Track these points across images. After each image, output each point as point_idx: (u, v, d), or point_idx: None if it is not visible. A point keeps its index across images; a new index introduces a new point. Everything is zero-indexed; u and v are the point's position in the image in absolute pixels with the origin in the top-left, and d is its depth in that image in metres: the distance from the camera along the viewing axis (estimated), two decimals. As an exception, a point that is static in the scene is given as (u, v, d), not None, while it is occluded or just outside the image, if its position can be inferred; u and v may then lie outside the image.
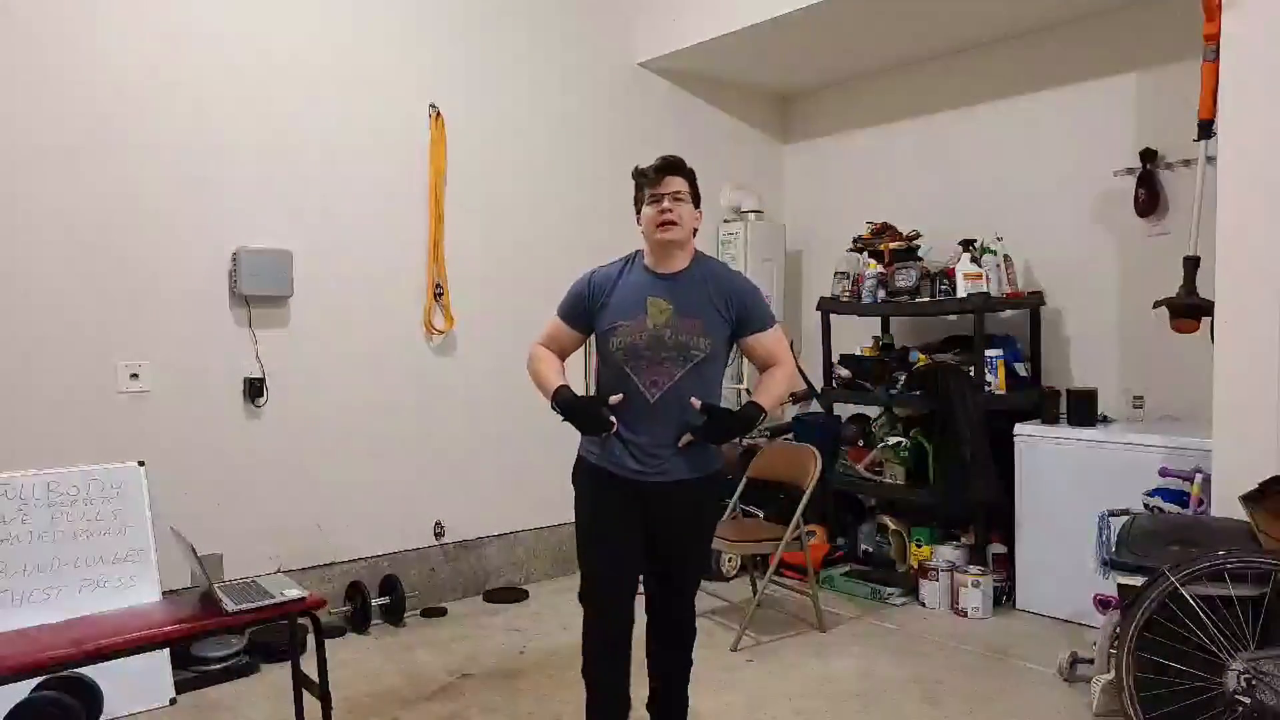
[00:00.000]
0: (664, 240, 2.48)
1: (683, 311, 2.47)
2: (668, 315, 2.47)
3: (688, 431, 2.48)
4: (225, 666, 3.39)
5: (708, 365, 2.49)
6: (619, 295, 2.53)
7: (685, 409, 2.46)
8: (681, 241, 2.51)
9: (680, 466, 2.51)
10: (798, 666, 3.53)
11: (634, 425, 2.50)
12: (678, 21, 4.77)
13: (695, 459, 2.53)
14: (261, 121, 3.76)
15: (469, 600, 4.36)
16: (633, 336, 2.47)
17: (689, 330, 2.46)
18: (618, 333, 2.49)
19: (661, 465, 2.50)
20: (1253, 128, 2.98)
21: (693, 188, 2.54)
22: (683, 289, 2.50)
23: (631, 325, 2.48)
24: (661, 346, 2.46)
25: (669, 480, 2.50)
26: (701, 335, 2.47)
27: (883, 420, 4.73)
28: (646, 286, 2.51)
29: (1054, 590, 3.97)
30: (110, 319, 3.44)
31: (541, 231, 4.60)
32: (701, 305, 2.49)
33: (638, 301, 2.50)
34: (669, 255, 2.52)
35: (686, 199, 2.50)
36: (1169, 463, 3.54)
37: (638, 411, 2.49)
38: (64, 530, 2.91)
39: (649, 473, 2.50)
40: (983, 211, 4.67)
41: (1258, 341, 2.99)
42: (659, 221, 2.47)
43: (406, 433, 4.20)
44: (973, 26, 4.49)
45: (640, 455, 2.50)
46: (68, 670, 2.58)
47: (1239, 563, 2.47)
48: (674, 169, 2.51)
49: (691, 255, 2.56)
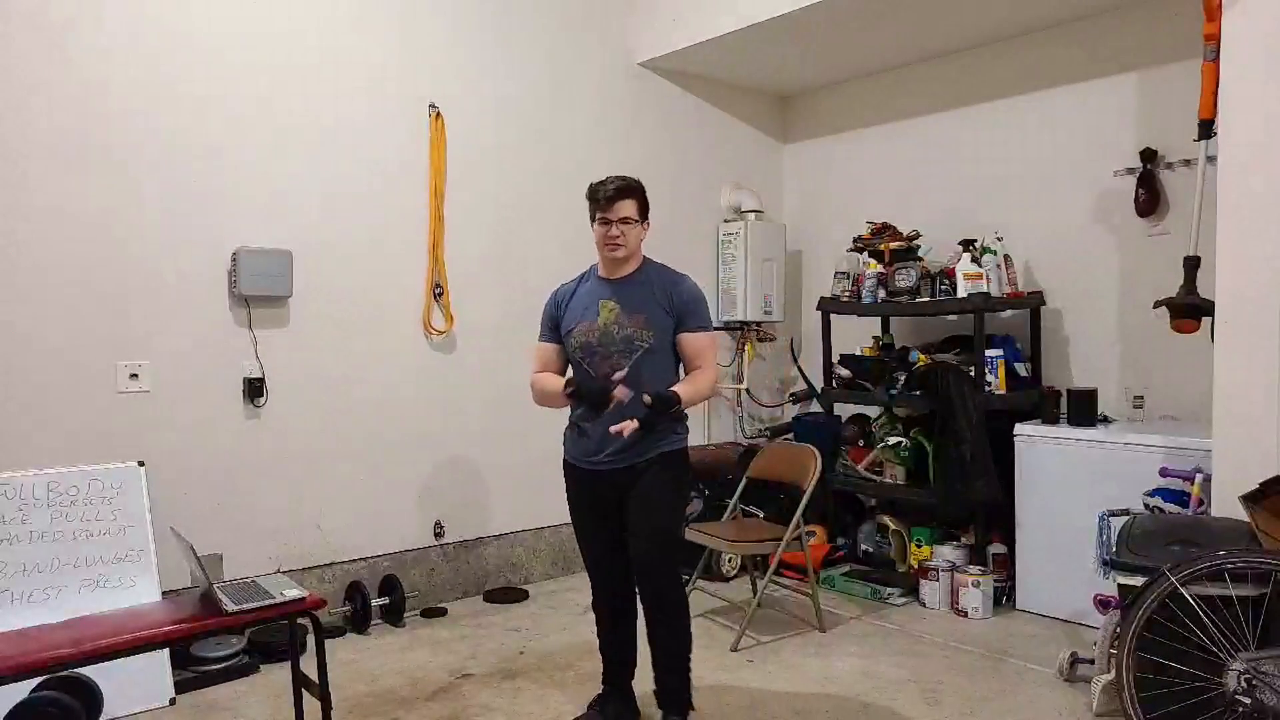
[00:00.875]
0: (611, 258, 2.82)
1: (628, 309, 2.78)
2: (615, 313, 2.79)
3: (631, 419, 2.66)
4: (225, 666, 3.39)
5: (654, 356, 2.76)
6: (575, 302, 2.88)
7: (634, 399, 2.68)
8: (628, 256, 2.82)
9: (634, 452, 2.75)
10: (798, 666, 3.53)
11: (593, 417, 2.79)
12: (678, 21, 4.77)
13: (647, 443, 2.75)
14: (261, 122, 3.76)
15: (469, 600, 4.36)
16: (587, 335, 2.81)
17: (634, 325, 2.77)
18: (574, 334, 2.83)
19: (617, 453, 2.76)
20: (1253, 128, 2.98)
21: (641, 204, 2.83)
22: (629, 290, 2.81)
23: (585, 326, 2.81)
24: (611, 341, 2.77)
25: (623, 466, 2.77)
26: (644, 328, 2.76)
27: (883, 420, 4.73)
28: (598, 291, 2.85)
29: (1054, 590, 3.97)
30: (110, 319, 3.44)
31: (541, 232, 4.60)
32: (645, 302, 2.78)
33: (591, 305, 2.84)
34: (617, 265, 2.84)
35: (634, 220, 2.79)
36: (1169, 463, 3.54)
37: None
38: (64, 530, 2.92)
39: (606, 461, 2.78)
40: (983, 211, 4.68)
41: (1258, 341, 2.98)
42: (607, 243, 2.80)
43: (406, 433, 4.20)
44: (973, 26, 4.49)
45: (598, 445, 2.78)
46: (68, 670, 2.58)
47: (1239, 563, 2.47)
48: (624, 194, 2.79)
49: (639, 262, 2.87)
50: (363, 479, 4.07)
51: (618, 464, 2.78)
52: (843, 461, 4.75)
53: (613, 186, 2.79)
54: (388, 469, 4.15)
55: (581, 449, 2.85)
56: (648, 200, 2.86)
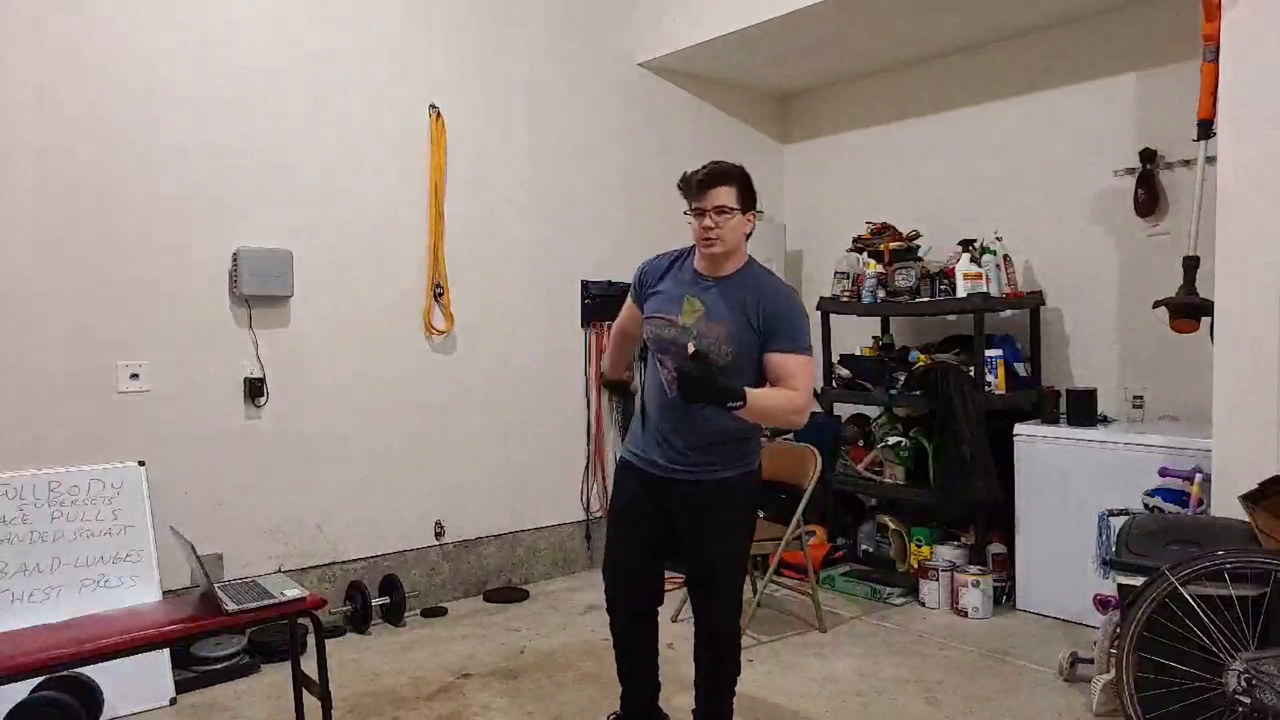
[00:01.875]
0: (707, 254, 2.51)
1: (712, 316, 2.48)
2: (698, 316, 2.50)
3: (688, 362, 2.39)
4: (225, 666, 3.39)
5: (729, 375, 2.40)
6: (664, 287, 2.60)
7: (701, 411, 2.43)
8: (727, 253, 2.50)
9: (701, 464, 2.54)
10: (798, 666, 3.53)
11: (658, 414, 2.59)
12: (678, 21, 4.78)
13: (720, 457, 2.53)
14: (262, 121, 3.76)
15: (469, 600, 4.36)
16: (662, 329, 2.55)
17: (714, 335, 2.46)
18: (652, 323, 2.59)
19: (682, 459, 2.55)
20: (1253, 128, 2.98)
21: (743, 191, 2.50)
22: (720, 294, 2.50)
23: (665, 319, 2.55)
24: (678, 340, 2.49)
25: (688, 479, 2.54)
26: (724, 342, 2.45)
27: (883, 420, 4.73)
28: (688, 285, 2.56)
29: (1054, 590, 3.97)
30: (110, 319, 3.44)
31: (542, 232, 4.61)
32: (732, 311, 2.47)
33: (677, 298, 2.55)
34: (714, 262, 2.53)
35: (732, 210, 2.46)
36: (1169, 463, 3.54)
37: (661, 402, 2.57)
38: (64, 530, 2.92)
39: (668, 466, 2.56)
40: (983, 211, 4.68)
41: (1258, 341, 2.98)
42: (702, 237, 2.48)
43: (406, 432, 4.20)
44: (972, 26, 4.49)
45: (660, 443, 2.57)
46: (68, 670, 2.58)
47: (1239, 563, 2.47)
48: (718, 179, 2.47)
49: (741, 261, 2.55)
50: (363, 479, 4.07)
51: (687, 475, 2.54)
52: (843, 461, 4.75)
53: (705, 171, 2.48)
54: (388, 469, 4.15)
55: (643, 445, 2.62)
56: (753, 189, 2.53)
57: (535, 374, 4.62)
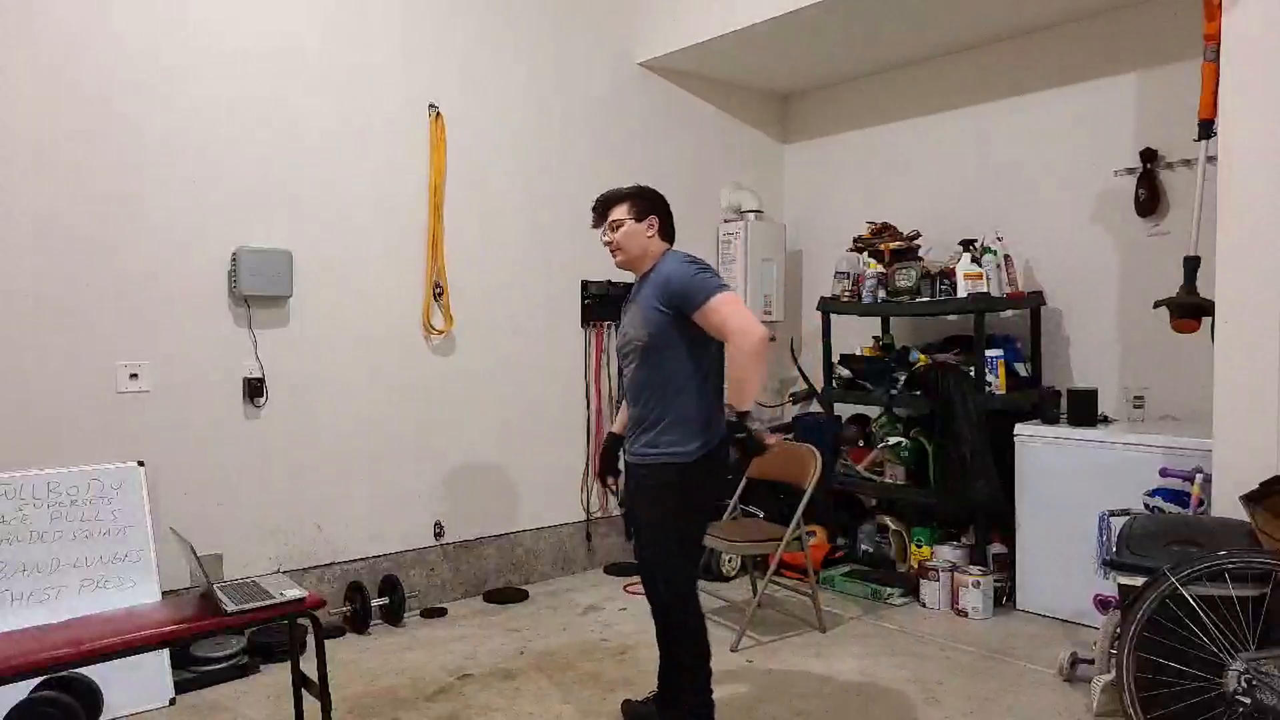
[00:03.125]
0: (618, 264, 2.87)
1: (631, 309, 2.83)
2: (628, 313, 2.85)
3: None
4: (225, 667, 3.39)
5: (651, 354, 2.71)
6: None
7: (641, 396, 2.76)
8: (636, 257, 2.81)
9: (635, 448, 2.80)
10: (798, 666, 3.53)
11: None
12: (678, 21, 4.78)
13: (651, 443, 2.74)
14: (261, 121, 3.76)
15: (469, 600, 4.36)
16: (619, 338, 2.90)
17: (633, 324, 2.79)
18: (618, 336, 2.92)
19: (631, 446, 2.83)
20: (1253, 128, 2.98)
21: (635, 203, 2.80)
22: (639, 290, 2.83)
23: (620, 328, 2.90)
24: (625, 342, 2.83)
25: (631, 461, 2.84)
26: (640, 326, 2.74)
27: (883, 420, 4.73)
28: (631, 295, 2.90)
29: (1054, 590, 3.97)
30: (110, 319, 3.44)
31: (541, 232, 4.61)
32: (644, 300, 2.76)
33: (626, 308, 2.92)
34: (632, 267, 2.86)
35: (626, 219, 2.78)
36: (1169, 463, 3.54)
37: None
38: (64, 530, 2.92)
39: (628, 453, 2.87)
40: (983, 211, 4.68)
41: (1258, 341, 2.98)
42: (609, 252, 2.85)
43: (406, 432, 4.20)
44: (973, 26, 4.48)
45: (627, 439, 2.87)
46: (68, 670, 2.58)
47: (1239, 563, 2.47)
48: (611, 202, 2.82)
49: (655, 259, 2.81)
50: (363, 479, 4.07)
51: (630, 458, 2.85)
52: (843, 461, 4.74)
53: (599, 199, 2.85)
54: (388, 469, 4.15)
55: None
56: (650, 197, 2.83)
57: (535, 374, 4.63)
